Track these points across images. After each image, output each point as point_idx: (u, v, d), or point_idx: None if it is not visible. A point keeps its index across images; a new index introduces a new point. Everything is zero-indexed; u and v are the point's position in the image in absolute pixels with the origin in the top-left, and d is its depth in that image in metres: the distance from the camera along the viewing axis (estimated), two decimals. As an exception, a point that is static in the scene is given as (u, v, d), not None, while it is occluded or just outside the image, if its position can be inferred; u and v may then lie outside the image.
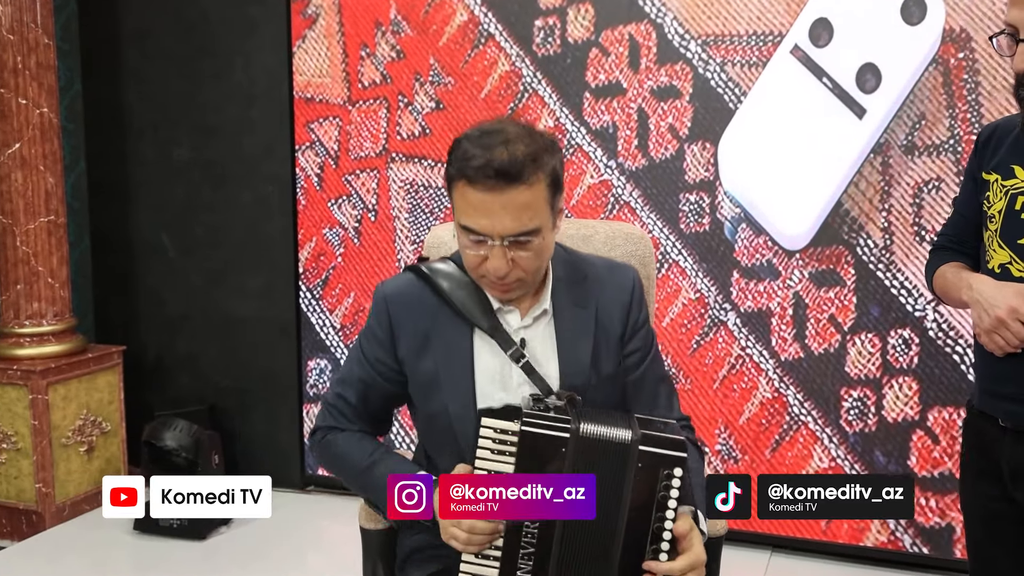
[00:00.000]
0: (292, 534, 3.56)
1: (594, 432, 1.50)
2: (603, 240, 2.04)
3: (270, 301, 3.94)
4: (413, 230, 3.67)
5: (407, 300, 1.73)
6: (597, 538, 1.51)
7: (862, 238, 3.12)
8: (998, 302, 1.75)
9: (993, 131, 1.91)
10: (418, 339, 1.71)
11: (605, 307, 1.75)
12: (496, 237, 1.55)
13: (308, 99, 3.77)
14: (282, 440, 3.95)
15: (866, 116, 3.05)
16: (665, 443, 1.49)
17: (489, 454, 1.51)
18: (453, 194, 1.61)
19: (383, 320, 1.74)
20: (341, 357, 3.82)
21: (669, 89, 3.27)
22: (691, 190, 3.28)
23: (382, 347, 1.74)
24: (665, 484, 1.49)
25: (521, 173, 1.53)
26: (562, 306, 1.74)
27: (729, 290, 3.27)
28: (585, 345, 1.72)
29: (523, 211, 1.55)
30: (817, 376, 3.21)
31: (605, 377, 1.73)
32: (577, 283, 1.75)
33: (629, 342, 1.77)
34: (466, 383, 1.70)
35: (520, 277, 1.63)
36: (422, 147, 3.62)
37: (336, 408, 1.79)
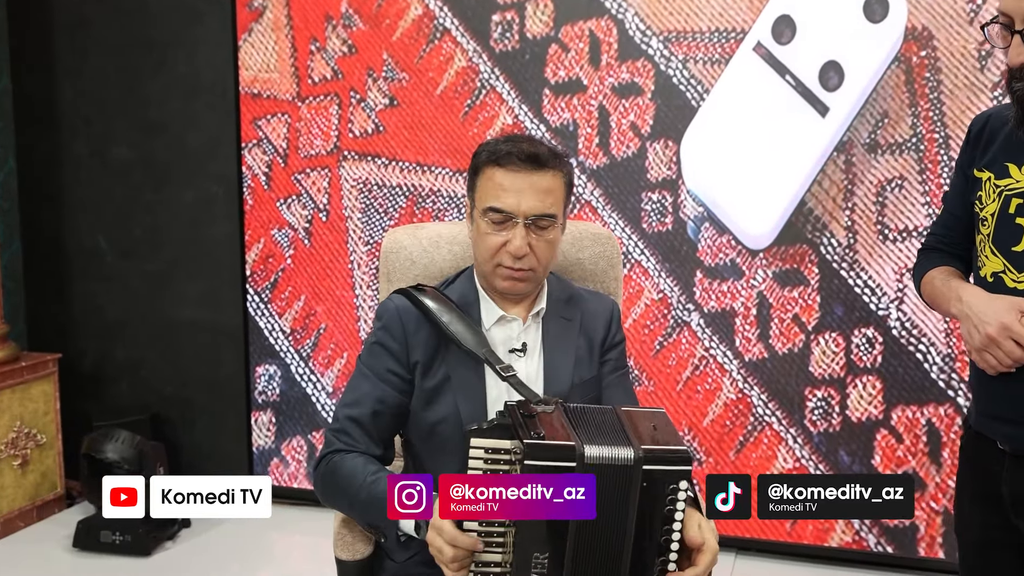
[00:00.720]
0: (242, 549, 3.42)
1: (597, 456, 1.45)
2: (570, 241, 2.02)
3: (215, 305, 3.79)
4: (366, 231, 3.56)
5: (414, 317, 1.76)
6: (607, 558, 1.47)
7: (826, 237, 3.10)
8: (989, 318, 1.63)
9: (985, 122, 1.78)
10: (429, 350, 1.74)
11: (588, 320, 1.84)
12: (520, 215, 1.67)
13: (255, 95, 3.63)
14: (230, 450, 3.80)
15: (829, 114, 3.03)
16: (668, 459, 1.44)
17: (480, 474, 1.46)
18: (478, 183, 1.74)
19: (396, 331, 1.75)
20: (291, 363, 3.69)
21: (630, 86, 3.22)
22: (653, 189, 3.23)
23: (394, 357, 1.74)
24: (671, 499, 1.44)
25: (548, 161, 1.69)
26: (551, 315, 1.82)
27: (692, 290, 3.23)
28: (569, 351, 1.79)
29: (547, 194, 1.69)
30: (781, 376, 3.19)
31: (584, 382, 1.79)
32: (564, 300, 1.84)
33: (608, 352, 1.85)
34: (478, 388, 1.72)
35: (533, 267, 1.71)
36: (375, 145, 3.51)
37: (344, 432, 1.73)
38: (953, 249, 1.87)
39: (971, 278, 1.82)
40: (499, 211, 1.68)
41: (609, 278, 2.04)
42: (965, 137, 1.83)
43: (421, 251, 1.99)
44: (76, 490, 3.77)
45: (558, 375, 1.76)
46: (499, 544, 1.47)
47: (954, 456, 3.06)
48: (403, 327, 1.74)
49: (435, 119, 3.43)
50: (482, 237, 1.72)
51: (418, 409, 1.73)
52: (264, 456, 3.77)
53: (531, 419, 1.47)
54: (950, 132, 2.95)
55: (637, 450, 1.44)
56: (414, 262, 1.98)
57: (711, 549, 1.49)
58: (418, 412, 1.73)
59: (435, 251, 1.99)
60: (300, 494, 3.70)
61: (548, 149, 1.71)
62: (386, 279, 1.99)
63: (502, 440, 1.46)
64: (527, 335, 1.78)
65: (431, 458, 1.72)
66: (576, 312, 1.83)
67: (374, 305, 3.57)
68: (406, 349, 1.74)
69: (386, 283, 1.99)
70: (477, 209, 1.73)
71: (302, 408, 3.71)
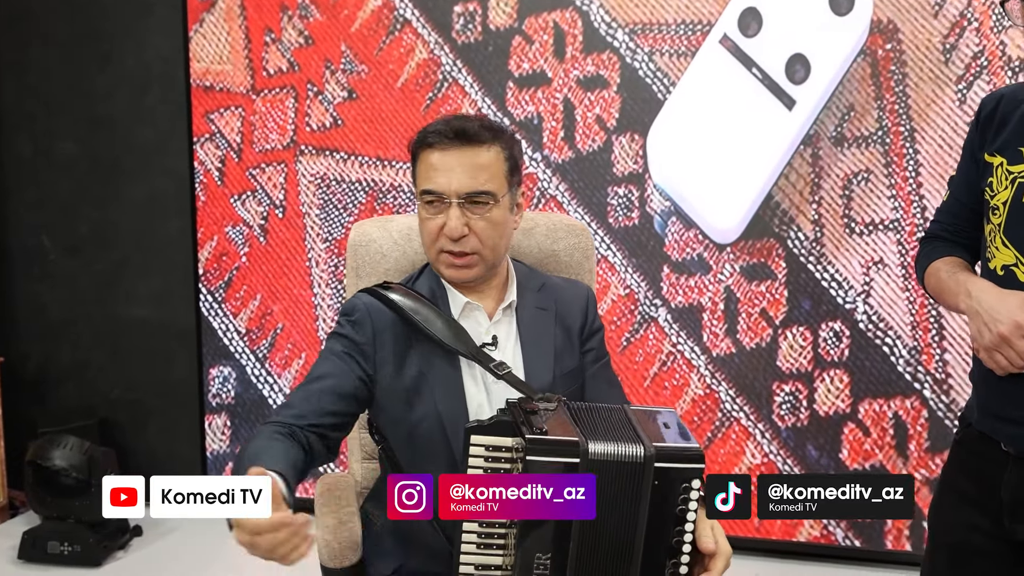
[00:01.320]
0: (196, 557, 3.31)
1: (603, 453, 1.40)
2: (544, 232, 1.98)
3: (167, 305, 3.66)
4: (325, 227, 3.47)
5: (384, 316, 1.67)
6: (613, 561, 1.43)
7: (793, 231, 3.08)
8: (1001, 315, 1.52)
9: (998, 102, 1.66)
10: (399, 348, 1.65)
11: (564, 308, 1.77)
12: (452, 195, 1.61)
13: (207, 87, 3.52)
14: (182, 455, 3.68)
15: (796, 107, 3.02)
16: (682, 456, 1.40)
17: (481, 472, 1.42)
18: (416, 168, 1.69)
19: (365, 327, 1.66)
20: (247, 364, 3.59)
21: (596, 79, 3.17)
22: (619, 183, 3.19)
23: (360, 351, 1.65)
24: (683, 498, 1.40)
25: (477, 135, 1.62)
26: (525, 305, 1.74)
27: (659, 285, 3.20)
28: (547, 343, 1.72)
29: (479, 171, 1.62)
30: (749, 371, 3.17)
31: (567, 373, 1.72)
32: (536, 290, 1.77)
33: (588, 340, 1.79)
34: (455, 385, 1.64)
35: (477, 249, 1.63)
36: (334, 139, 3.42)
37: (287, 405, 1.60)
38: (959, 238, 1.76)
39: (978, 269, 1.71)
40: (431, 192, 1.63)
41: (584, 270, 1.99)
42: (975, 118, 1.71)
43: (392, 244, 1.91)
44: (20, 500, 3.61)
45: (539, 368, 1.69)
46: (500, 546, 1.42)
47: (920, 448, 3.07)
48: (372, 324, 1.66)
49: (396, 113, 3.35)
50: (423, 223, 1.66)
51: (396, 412, 1.65)
52: (219, 461, 3.65)
53: (533, 415, 1.42)
54: (915, 125, 2.96)
55: (648, 447, 1.39)
56: (385, 255, 1.91)
57: (725, 553, 1.45)
58: (396, 415, 1.65)
59: (407, 244, 1.92)
60: (257, 499, 3.59)
61: (480, 123, 1.65)
62: (354, 274, 1.91)
63: (503, 437, 1.41)
64: (498, 328, 1.71)
65: (413, 463, 1.64)
66: (550, 301, 1.76)
67: (333, 304, 3.48)
68: (373, 346, 1.65)
69: (354, 278, 1.91)
70: (417, 190, 1.68)
71: (258, 411, 3.60)
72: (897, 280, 3.02)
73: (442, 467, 1.59)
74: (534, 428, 1.36)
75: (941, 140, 2.95)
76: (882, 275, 3.04)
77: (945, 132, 2.94)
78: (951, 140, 2.94)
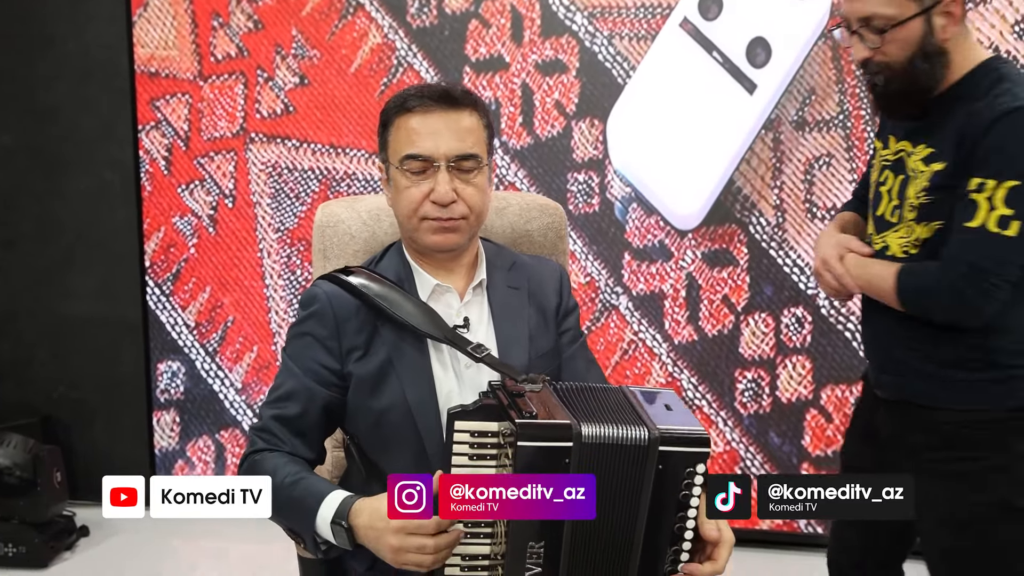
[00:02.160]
0: (144, 558, 3.20)
1: (599, 435, 1.35)
2: (517, 212, 1.92)
3: (111, 299, 3.53)
4: (277, 216, 3.37)
5: (347, 302, 1.59)
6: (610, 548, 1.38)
7: (754, 216, 3.06)
8: (819, 251, 1.90)
9: None
10: (363, 336, 1.57)
11: (537, 287, 1.71)
12: (441, 158, 1.54)
13: (152, 74, 3.40)
14: (129, 453, 3.56)
15: (757, 91, 2.99)
16: (687, 440, 1.35)
17: (467, 460, 1.36)
18: (389, 137, 1.59)
19: (327, 318, 1.57)
20: (196, 358, 3.47)
21: (555, 63, 3.12)
22: (579, 169, 3.14)
23: (323, 347, 1.57)
24: (687, 483, 1.35)
25: (462, 99, 1.57)
26: (495, 284, 1.67)
27: (620, 273, 3.15)
28: (521, 323, 1.65)
29: (466, 134, 1.56)
30: (711, 359, 3.14)
31: (543, 355, 1.65)
32: (506, 268, 1.70)
33: (564, 320, 1.73)
34: (423, 371, 1.56)
35: (464, 214, 1.57)
36: (285, 126, 3.32)
37: (266, 431, 1.56)
38: (861, 199, 2.06)
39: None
40: (417, 157, 1.54)
41: (558, 251, 1.94)
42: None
43: (361, 224, 1.84)
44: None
45: (514, 350, 1.61)
46: (487, 535, 1.35)
47: (882, 434, 3.06)
48: (334, 314, 1.57)
49: (349, 99, 3.26)
50: (402, 193, 1.57)
51: (361, 400, 1.57)
52: (168, 458, 3.54)
53: (519, 398, 1.35)
54: (876, 109, 2.95)
55: (653, 430, 1.33)
56: (353, 236, 1.83)
57: (728, 541, 1.41)
58: (362, 403, 1.57)
59: (376, 224, 1.84)
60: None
61: (462, 88, 1.60)
62: (321, 256, 1.84)
63: (488, 422, 1.35)
64: (469, 309, 1.63)
65: (381, 453, 1.57)
66: (522, 279, 1.69)
67: (286, 296, 3.38)
68: (338, 338, 1.57)
69: (321, 260, 1.83)
70: (392, 164, 1.58)
71: (209, 406, 3.49)
72: (858, 265, 3.00)
73: (409, 457, 1.53)
74: (523, 412, 1.30)
75: (901, 124, 2.93)
76: (843, 260, 3.01)
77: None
78: (911, 124, 2.92)
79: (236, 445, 3.48)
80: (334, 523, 1.40)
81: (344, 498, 1.41)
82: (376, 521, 1.35)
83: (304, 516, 1.43)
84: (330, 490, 1.44)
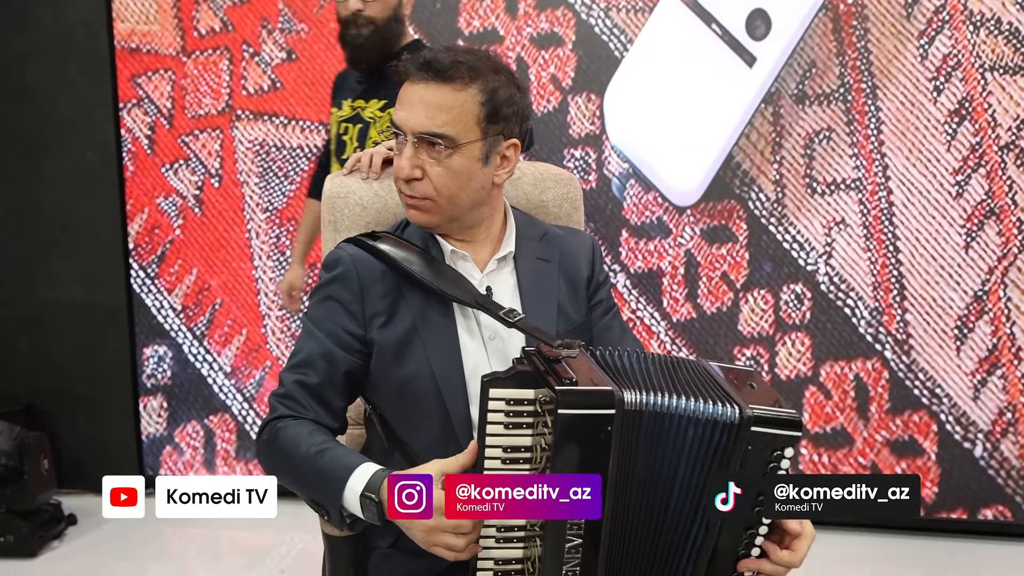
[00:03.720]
0: (132, 545, 3.13)
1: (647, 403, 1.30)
2: (531, 182, 1.86)
3: (94, 283, 3.44)
4: (265, 196, 3.29)
5: (372, 266, 1.52)
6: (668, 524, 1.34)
7: (754, 192, 3.02)
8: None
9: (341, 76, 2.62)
10: (387, 302, 1.50)
11: (568, 258, 1.63)
12: (408, 131, 1.46)
13: (133, 50, 3.30)
14: (115, 439, 3.48)
15: (756, 64, 2.94)
16: (779, 422, 1.29)
17: (502, 428, 1.28)
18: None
19: (351, 281, 1.50)
20: (184, 343, 3.40)
21: (550, 36, 3.05)
22: (576, 145, 3.08)
23: (347, 312, 1.50)
24: (773, 466, 1.30)
25: (448, 71, 1.44)
26: (525, 256, 1.59)
27: (618, 250, 3.10)
28: (550, 294, 1.58)
29: (438, 111, 1.45)
30: (710, 336, 3.10)
31: (572, 329, 1.57)
32: (536, 239, 1.62)
33: (597, 292, 1.65)
34: (450, 339, 1.49)
35: (428, 195, 1.48)
36: (272, 103, 3.24)
37: (289, 396, 1.48)
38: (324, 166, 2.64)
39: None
40: (393, 127, 1.49)
41: (573, 221, 1.87)
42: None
43: (373, 195, 1.77)
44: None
45: (541, 323, 1.53)
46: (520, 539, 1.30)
47: (881, 410, 3.05)
48: (359, 277, 1.50)
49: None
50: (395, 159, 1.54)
51: (385, 368, 1.51)
52: (155, 445, 3.46)
53: (557, 364, 1.29)
54: (877, 82, 2.91)
55: (745, 408, 1.28)
56: (365, 208, 1.76)
57: (809, 536, 1.36)
58: (385, 371, 1.51)
59: (388, 195, 1.77)
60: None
61: (462, 59, 1.46)
62: (332, 228, 1.77)
63: (525, 389, 1.28)
64: (492, 280, 1.56)
65: (405, 423, 1.50)
66: (554, 252, 1.61)
67: (276, 277, 3.31)
68: (362, 302, 1.50)
69: (332, 232, 1.77)
70: None
71: (197, 391, 3.42)
72: (859, 240, 2.98)
73: (435, 428, 1.47)
74: (562, 379, 1.25)
75: (903, 97, 2.90)
76: (844, 235, 2.99)
77: (907, 88, 2.90)
78: (913, 97, 2.90)
79: (226, 430, 3.42)
80: (364, 496, 1.33)
81: (376, 471, 1.34)
82: None
83: (331, 488, 1.36)
84: (359, 462, 1.37)
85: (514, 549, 1.32)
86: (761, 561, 1.34)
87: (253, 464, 3.43)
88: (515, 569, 1.33)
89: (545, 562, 1.28)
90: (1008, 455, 2.99)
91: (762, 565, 1.34)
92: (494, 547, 1.32)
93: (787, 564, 1.34)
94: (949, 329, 2.97)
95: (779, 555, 1.34)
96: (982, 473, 3.01)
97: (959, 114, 2.88)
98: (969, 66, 2.86)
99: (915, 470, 3.04)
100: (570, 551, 1.28)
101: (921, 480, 3.06)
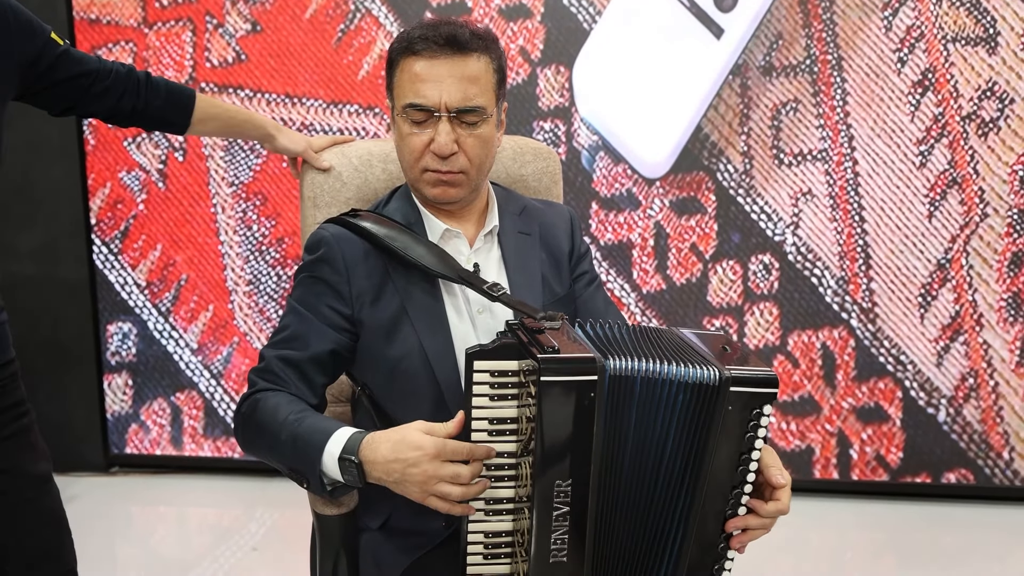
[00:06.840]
0: (97, 523, 3.09)
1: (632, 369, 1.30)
2: (511, 156, 1.86)
3: (53, 260, 3.37)
4: (231, 170, 3.24)
5: (355, 245, 1.52)
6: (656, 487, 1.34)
7: (722, 163, 3.04)
8: None
9: None
10: (373, 281, 1.50)
11: (548, 231, 1.66)
12: (442, 109, 1.46)
13: (92, 20, 3.23)
14: (78, 417, 3.42)
15: (724, 36, 2.96)
16: (757, 380, 1.29)
17: (487, 400, 1.28)
18: (395, 79, 1.52)
19: (336, 261, 1.50)
20: (148, 319, 3.35)
21: (518, 8, 3.04)
22: (545, 117, 3.08)
23: (334, 291, 1.50)
24: (753, 424, 1.30)
25: (469, 43, 1.47)
26: (506, 230, 1.61)
27: (588, 222, 3.12)
28: (534, 267, 1.60)
29: (471, 83, 1.47)
30: (680, 307, 3.13)
31: (556, 301, 1.60)
32: (516, 214, 1.65)
33: (578, 264, 1.68)
34: (438, 317, 1.50)
35: (464, 168, 1.50)
36: (237, 75, 3.19)
37: (270, 371, 1.47)
38: None
39: None
40: (418, 107, 1.46)
41: (552, 195, 1.89)
42: None
43: (352, 171, 1.76)
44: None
45: (526, 297, 1.55)
46: (511, 477, 1.30)
47: (848, 378, 3.10)
48: (343, 257, 1.50)
49: (304, 46, 3.14)
50: (404, 140, 1.50)
51: (375, 348, 1.50)
52: (120, 423, 3.41)
53: (540, 334, 1.30)
54: (843, 54, 2.94)
55: (723, 370, 1.29)
56: (345, 183, 1.75)
57: (789, 482, 1.38)
58: (375, 351, 1.50)
59: (367, 170, 1.76)
60: (165, 461, 3.39)
61: (471, 31, 1.48)
62: (312, 204, 1.76)
63: (508, 361, 1.28)
64: (479, 256, 1.57)
65: (398, 403, 1.50)
66: (533, 225, 1.63)
67: (242, 252, 3.27)
68: (348, 282, 1.49)
69: (312, 209, 1.75)
70: (396, 109, 1.51)
71: (163, 368, 3.38)
72: (825, 210, 3.02)
73: (427, 405, 1.48)
74: (544, 348, 1.25)
75: (868, 68, 2.94)
76: (810, 206, 3.03)
77: (872, 60, 2.94)
78: (877, 68, 2.94)
79: (193, 407, 3.38)
80: (343, 459, 1.31)
81: (353, 433, 1.33)
82: (404, 451, 1.27)
83: (309, 454, 1.34)
84: (337, 427, 1.35)
85: (503, 522, 1.33)
86: (748, 517, 1.36)
87: (221, 441, 3.40)
88: (505, 541, 1.33)
89: (535, 531, 1.27)
90: (970, 420, 3.07)
91: (749, 521, 1.36)
92: (483, 519, 1.32)
93: (776, 514, 1.36)
94: (913, 297, 3.03)
95: (766, 508, 1.36)
96: (945, 438, 3.08)
97: (922, 85, 2.93)
98: (932, 37, 2.90)
99: (881, 436, 3.11)
100: (558, 519, 1.28)
101: (887, 445, 3.13)
